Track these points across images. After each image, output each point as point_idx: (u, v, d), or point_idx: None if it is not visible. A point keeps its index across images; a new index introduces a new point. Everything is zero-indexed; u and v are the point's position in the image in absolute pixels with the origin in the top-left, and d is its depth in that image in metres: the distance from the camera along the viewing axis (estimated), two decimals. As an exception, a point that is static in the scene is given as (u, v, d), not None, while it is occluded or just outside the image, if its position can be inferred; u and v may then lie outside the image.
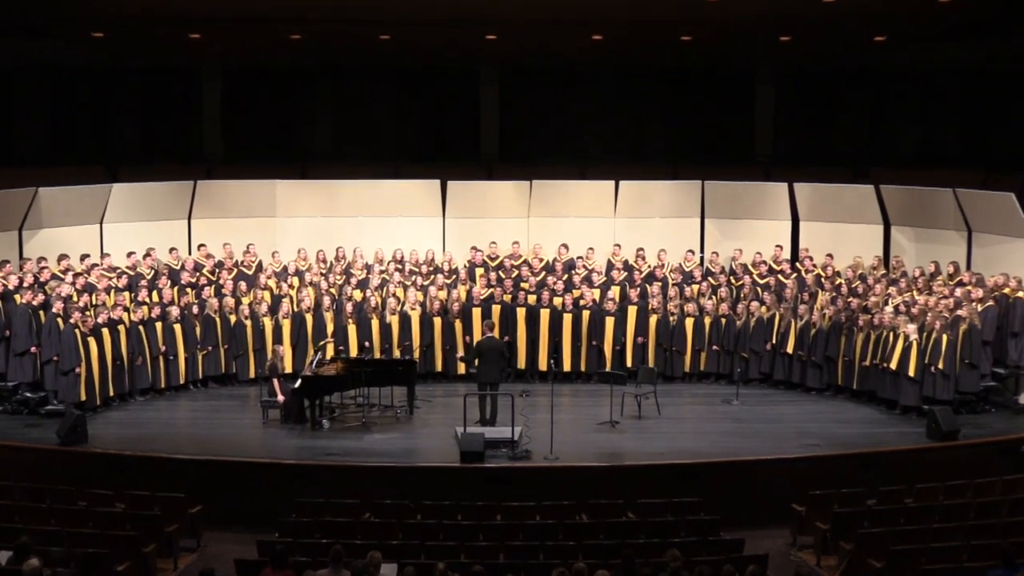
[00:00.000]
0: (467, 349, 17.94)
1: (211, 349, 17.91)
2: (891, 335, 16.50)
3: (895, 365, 16.33)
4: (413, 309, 18.22)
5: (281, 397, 16.09)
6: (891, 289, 17.93)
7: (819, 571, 12.16)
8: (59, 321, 16.18)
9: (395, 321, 18.14)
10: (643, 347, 18.37)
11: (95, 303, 16.89)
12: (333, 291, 18.54)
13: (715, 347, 18.36)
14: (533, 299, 18.48)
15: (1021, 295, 16.85)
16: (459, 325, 18.27)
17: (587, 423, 16.01)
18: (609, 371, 17.04)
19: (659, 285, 18.82)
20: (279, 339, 17.87)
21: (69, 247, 18.28)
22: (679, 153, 23.90)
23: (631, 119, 24.78)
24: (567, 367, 18.30)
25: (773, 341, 18.08)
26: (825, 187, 20.45)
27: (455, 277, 19.07)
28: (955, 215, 18.74)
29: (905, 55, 22.17)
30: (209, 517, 12.97)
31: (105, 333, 16.39)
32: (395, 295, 18.47)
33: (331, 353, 17.38)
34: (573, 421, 15.97)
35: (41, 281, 17.19)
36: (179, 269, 18.79)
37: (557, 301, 18.37)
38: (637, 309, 18.40)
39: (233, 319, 18.00)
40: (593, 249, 19.63)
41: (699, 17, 18.24)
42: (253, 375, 18.02)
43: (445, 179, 20.71)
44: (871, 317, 16.99)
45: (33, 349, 16.36)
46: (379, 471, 14.01)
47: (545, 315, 18.32)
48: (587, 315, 18.28)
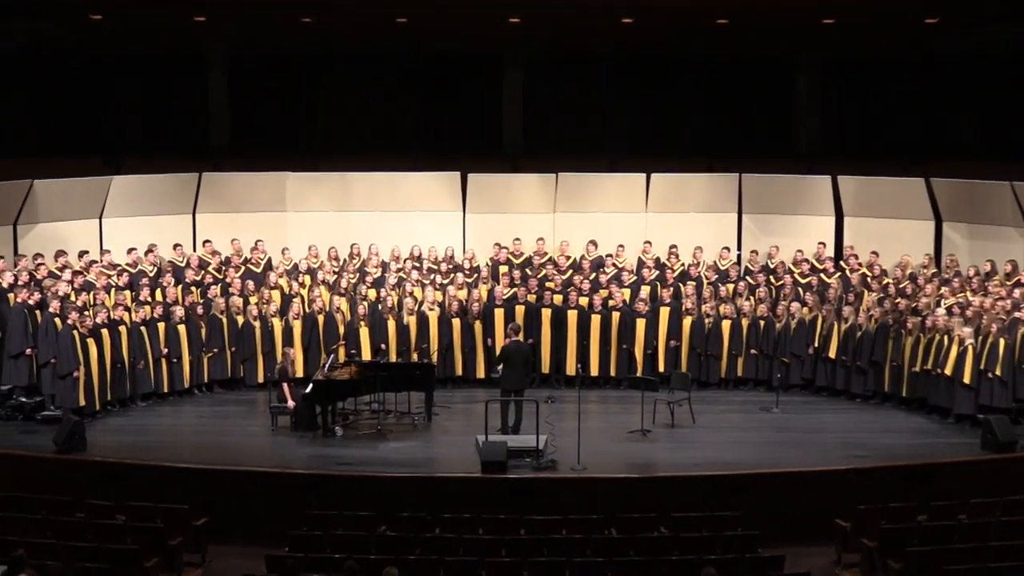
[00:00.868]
0: (488, 352, 17.93)
1: (217, 351, 17.96)
2: (944, 339, 16.38)
3: (950, 371, 16.22)
4: (431, 309, 18.21)
5: (291, 403, 16.14)
6: (943, 289, 17.83)
7: (865, 592, 12.11)
8: (56, 321, 16.25)
9: (412, 322, 18.15)
10: (676, 351, 18.33)
11: (94, 302, 16.97)
12: (348, 290, 18.55)
13: (753, 351, 18.28)
14: (559, 299, 18.47)
15: (1083, 296, 16.71)
16: (479, 326, 18.28)
17: (617, 432, 15.99)
18: (640, 376, 17.04)
19: (693, 285, 18.73)
20: (289, 341, 17.88)
21: (66, 243, 18.42)
22: (714, 144, 23.74)
23: (663, 108, 24.64)
24: (595, 372, 18.28)
25: (815, 345, 17.99)
26: (871, 180, 20.36)
27: (476, 276, 19.08)
28: (1012, 210, 18.66)
29: (959, 38, 21.98)
30: (214, 530, 12.92)
31: (105, 334, 16.46)
32: (412, 294, 18.50)
33: (343, 356, 17.39)
34: (602, 430, 15.95)
35: (37, 279, 17.29)
36: (183, 266, 18.86)
37: (584, 301, 18.35)
38: (670, 310, 18.36)
39: (241, 320, 18.06)
40: (623, 246, 19.60)
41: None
42: (262, 379, 18.03)
43: (465, 171, 20.75)
44: (921, 319, 16.88)
45: (29, 351, 16.46)
46: (395, 482, 14.02)
47: (572, 316, 18.30)
48: (616, 316, 18.24)
